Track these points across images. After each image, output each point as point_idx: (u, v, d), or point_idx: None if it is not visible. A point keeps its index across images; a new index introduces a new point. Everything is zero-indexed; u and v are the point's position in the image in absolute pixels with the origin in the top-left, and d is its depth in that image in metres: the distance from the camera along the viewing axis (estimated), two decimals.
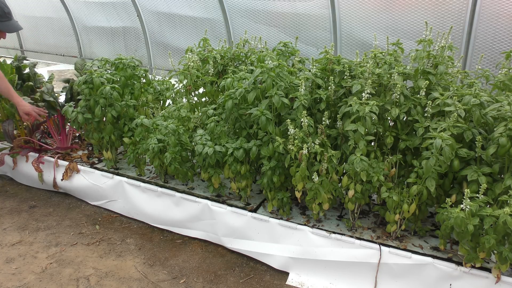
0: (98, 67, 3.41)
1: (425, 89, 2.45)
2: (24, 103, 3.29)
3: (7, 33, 3.18)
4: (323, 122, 2.56)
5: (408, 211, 2.39)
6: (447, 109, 2.31)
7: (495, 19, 4.44)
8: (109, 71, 3.35)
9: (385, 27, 5.10)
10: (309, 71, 2.80)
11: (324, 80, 2.71)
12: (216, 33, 6.43)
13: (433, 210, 2.86)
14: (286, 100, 2.53)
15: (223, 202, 2.89)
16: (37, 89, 3.77)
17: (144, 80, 3.57)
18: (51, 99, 3.57)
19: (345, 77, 2.64)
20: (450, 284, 2.31)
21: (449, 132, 2.20)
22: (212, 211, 2.87)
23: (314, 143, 2.46)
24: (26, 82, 3.81)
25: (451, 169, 2.29)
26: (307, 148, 2.42)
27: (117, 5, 7.18)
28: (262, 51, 3.22)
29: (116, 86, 3.12)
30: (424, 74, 2.54)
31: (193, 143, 2.84)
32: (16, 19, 3.27)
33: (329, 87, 2.60)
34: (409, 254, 2.39)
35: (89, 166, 3.43)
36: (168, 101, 3.74)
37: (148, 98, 3.52)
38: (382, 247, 2.44)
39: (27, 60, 3.13)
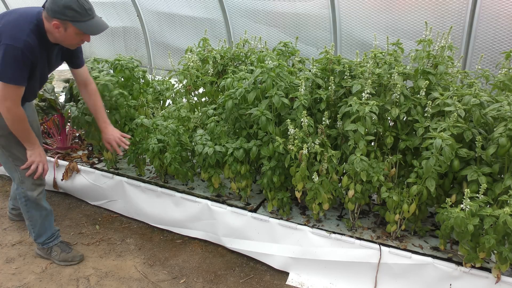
0: (92, 68, 3.36)
1: (425, 89, 2.45)
2: (108, 131, 2.70)
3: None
4: (323, 122, 2.56)
5: (408, 211, 2.39)
6: (447, 109, 2.31)
7: (495, 19, 4.44)
8: (105, 72, 3.32)
9: (385, 27, 5.10)
10: (309, 71, 2.81)
11: (324, 80, 2.71)
12: (216, 33, 6.42)
13: (433, 210, 2.86)
14: (286, 100, 2.53)
15: (223, 202, 2.89)
16: None
17: (143, 81, 3.57)
18: (52, 97, 3.57)
19: (345, 77, 2.64)
20: (450, 284, 2.31)
21: (449, 132, 2.20)
22: (212, 211, 2.87)
23: (314, 143, 2.46)
24: None
25: (451, 169, 2.29)
26: (307, 148, 2.42)
27: (117, 5, 7.18)
28: (262, 51, 3.22)
29: (125, 93, 3.09)
30: (424, 74, 2.54)
31: (193, 143, 2.84)
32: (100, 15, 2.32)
33: (329, 87, 2.60)
34: (409, 254, 2.39)
35: (89, 166, 3.43)
36: (168, 101, 3.73)
37: (148, 99, 3.51)
38: (382, 247, 2.44)
39: None
